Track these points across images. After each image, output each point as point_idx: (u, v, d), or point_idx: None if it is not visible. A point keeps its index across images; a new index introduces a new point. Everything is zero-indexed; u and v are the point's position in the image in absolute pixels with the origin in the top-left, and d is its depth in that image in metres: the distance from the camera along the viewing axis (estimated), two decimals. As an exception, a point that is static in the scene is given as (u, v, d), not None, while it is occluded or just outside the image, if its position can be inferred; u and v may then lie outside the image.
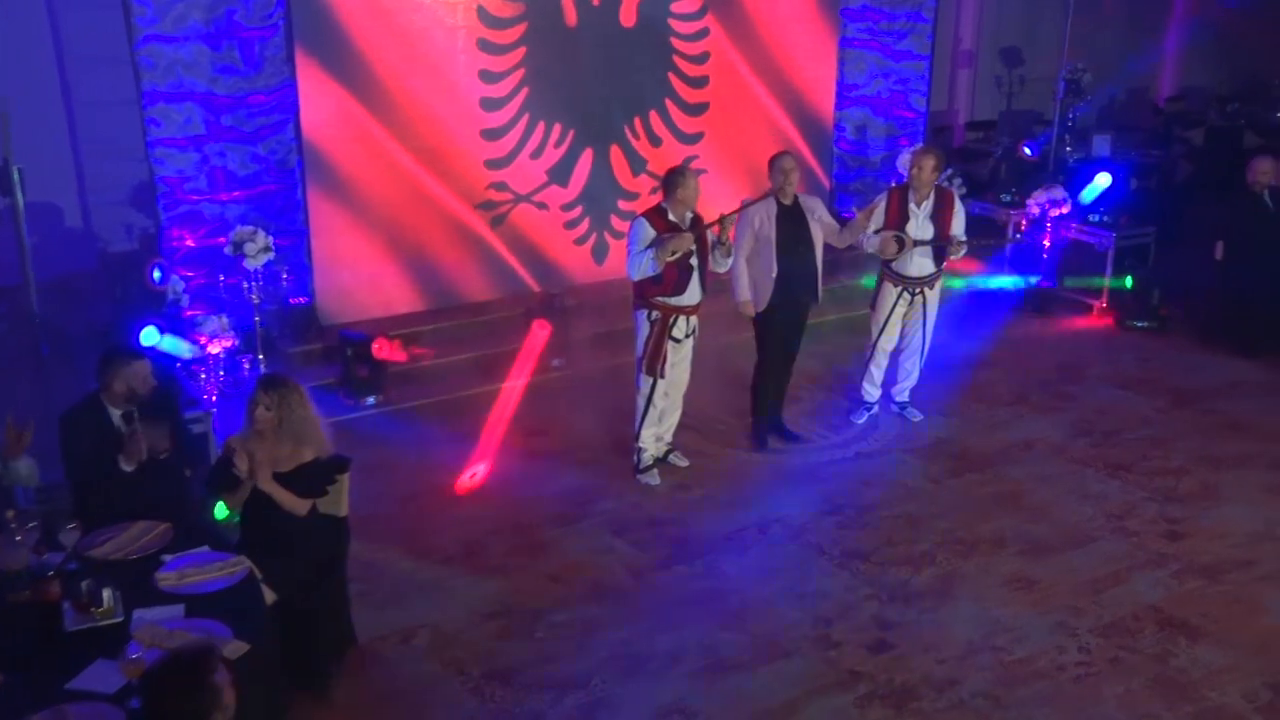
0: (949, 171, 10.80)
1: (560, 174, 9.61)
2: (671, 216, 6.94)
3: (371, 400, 8.14)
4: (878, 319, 7.99)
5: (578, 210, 9.78)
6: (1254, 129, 13.57)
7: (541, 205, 9.60)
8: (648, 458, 7.40)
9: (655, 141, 10.00)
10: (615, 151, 9.80)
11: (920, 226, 7.65)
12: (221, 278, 7.83)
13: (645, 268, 6.83)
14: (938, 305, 7.96)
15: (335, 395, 8.12)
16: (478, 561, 6.52)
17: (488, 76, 9.07)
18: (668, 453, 7.60)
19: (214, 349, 7.27)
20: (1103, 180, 10.26)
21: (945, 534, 6.69)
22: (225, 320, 7.31)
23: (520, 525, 6.89)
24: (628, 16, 9.54)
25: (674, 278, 6.95)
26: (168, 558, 4.84)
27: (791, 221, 7.34)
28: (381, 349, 7.96)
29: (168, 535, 4.99)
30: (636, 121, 9.85)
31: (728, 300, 7.50)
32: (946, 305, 10.30)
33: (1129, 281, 10.08)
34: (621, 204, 9.93)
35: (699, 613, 5.98)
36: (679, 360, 7.26)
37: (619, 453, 7.60)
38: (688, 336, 7.19)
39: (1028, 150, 11.19)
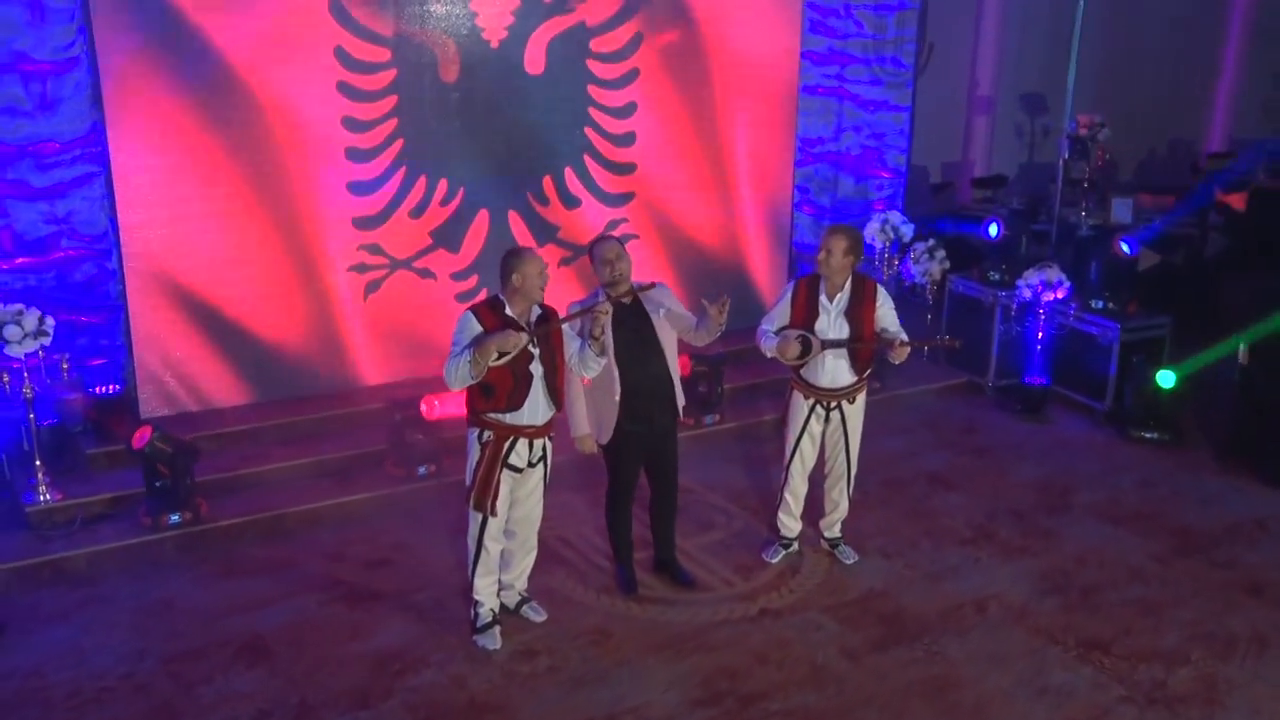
0: (930, 243, 9.19)
1: (449, 238, 8.11)
2: (510, 311, 5.40)
3: (175, 518, 6.63)
4: (789, 437, 6.39)
5: (473, 280, 8.26)
6: (1308, 195, 11.72)
7: (426, 273, 8.10)
8: (485, 613, 5.81)
9: (571, 203, 8.48)
10: (514, 217, 8.29)
11: (833, 324, 6.05)
12: (-15, 366, 6.38)
13: (462, 374, 5.28)
14: (861, 422, 6.33)
15: (133, 513, 6.64)
16: (225, 763, 4.97)
17: (353, 124, 7.61)
18: (520, 603, 6.01)
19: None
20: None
21: (845, 746, 5.04)
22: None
23: (304, 706, 5.32)
24: (535, 62, 8.04)
25: (507, 389, 5.40)
26: None
27: (632, 323, 5.79)
28: (139, 437, 6.48)
29: None
30: (546, 181, 8.34)
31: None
32: (914, 401, 8.80)
33: (1169, 379, 8.14)
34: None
35: None
36: (525, 494, 5.69)
37: (468, 597, 6.03)
38: (534, 464, 5.61)
39: (994, 229, 9.31)
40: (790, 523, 6.61)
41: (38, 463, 6.58)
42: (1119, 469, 7.81)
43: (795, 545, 6.65)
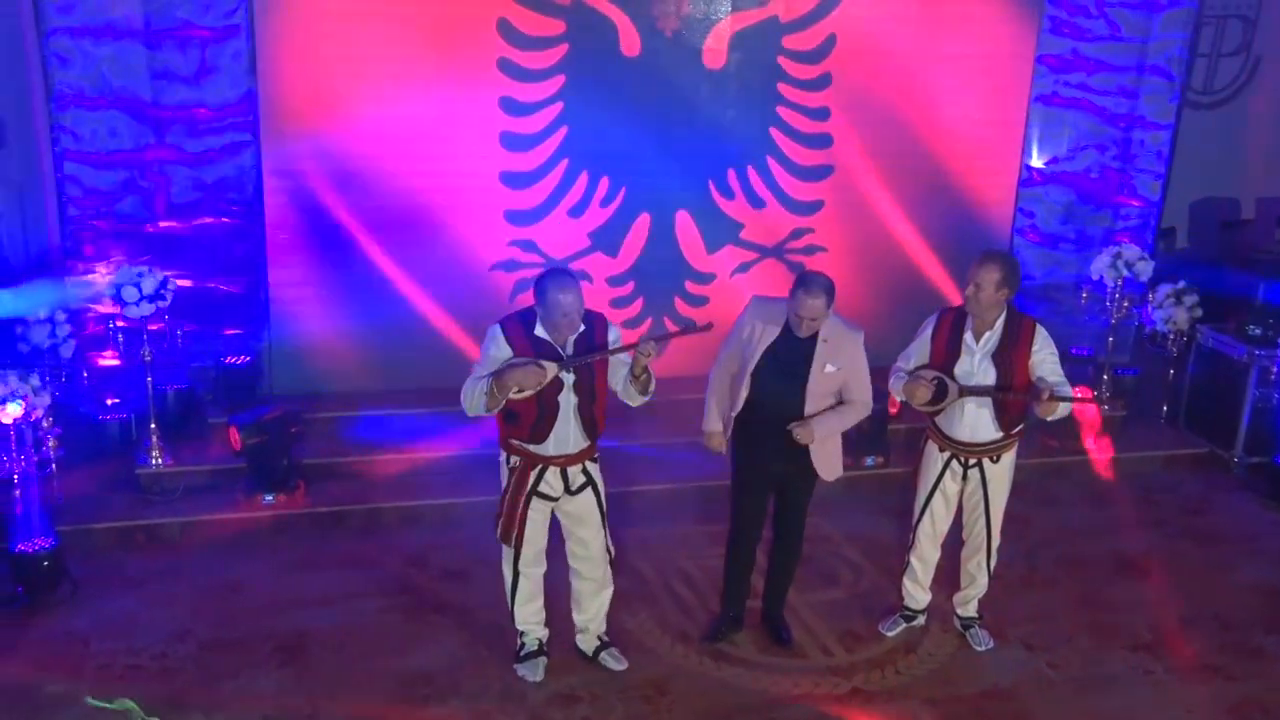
0: (1179, 285, 7.77)
1: (607, 241, 7.58)
2: (540, 331, 4.69)
3: (269, 499, 6.44)
4: (919, 494, 5.38)
5: (630, 285, 7.69)
6: None
7: (581, 275, 7.59)
8: (531, 641, 5.21)
9: (757, 203, 7.74)
10: (683, 217, 7.65)
11: (977, 368, 5.02)
12: (112, 324, 6.42)
13: (477, 404, 4.65)
14: (1007, 486, 5.24)
15: (232, 488, 6.50)
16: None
17: (512, 106, 7.21)
18: (599, 649, 5.28)
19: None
20: None
21: None
22: (25, 381, 5.80)
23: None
24: (715, 55, 7.36)
25: (532, 419, 4.73)
26: None
27: (792, 354, 5.00)
28: (233, 439, 6.32)
29: None
30: (730, 175, 7.64)
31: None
32: (1131, 468, 7.42)
33: None
34: (689, 286, 7.75)
35: None
36: (574, 522, 5.02)
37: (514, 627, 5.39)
38: (575, 491, 4.92)
39: None
40: (917, 592, 5.60)
41: (152, 425, 6.57)
42: (1383, 584, 6.20)
43: (920, 619, 5.63)
